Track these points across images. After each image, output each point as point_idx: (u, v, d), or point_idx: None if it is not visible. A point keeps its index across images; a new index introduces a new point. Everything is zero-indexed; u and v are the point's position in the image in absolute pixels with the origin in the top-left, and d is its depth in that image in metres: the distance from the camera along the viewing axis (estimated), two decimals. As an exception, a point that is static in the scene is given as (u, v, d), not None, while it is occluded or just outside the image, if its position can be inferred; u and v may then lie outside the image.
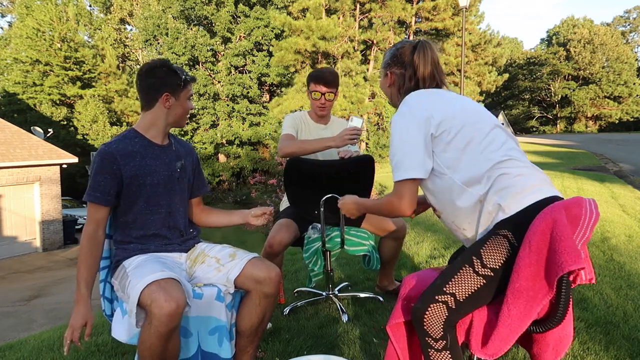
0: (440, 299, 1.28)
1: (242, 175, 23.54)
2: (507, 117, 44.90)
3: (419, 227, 4.73)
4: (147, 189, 1.70)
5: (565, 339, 1.36)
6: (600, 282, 2.85)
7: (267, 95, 26.24)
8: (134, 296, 1.46)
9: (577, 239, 1.22)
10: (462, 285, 1.28)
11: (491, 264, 1.27)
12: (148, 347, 1.44)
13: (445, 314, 1.27)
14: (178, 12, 24.00)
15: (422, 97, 1.47)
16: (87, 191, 1.63)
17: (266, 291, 1.68)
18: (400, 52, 1.56)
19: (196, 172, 1.93)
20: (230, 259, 1.75)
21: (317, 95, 2.44)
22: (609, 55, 41.84)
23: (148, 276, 1.49)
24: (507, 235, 1.28)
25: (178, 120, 1.78)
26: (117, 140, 1.69)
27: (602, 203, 5.83)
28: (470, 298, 1.28)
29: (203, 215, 1.97)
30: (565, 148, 18.18)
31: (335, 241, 2.30)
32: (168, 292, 1.43)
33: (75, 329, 1.50)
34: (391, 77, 1.59)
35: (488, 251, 1.28)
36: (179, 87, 1.72)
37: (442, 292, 1.29)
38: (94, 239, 1.60)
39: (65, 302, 8.39)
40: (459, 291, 1.28)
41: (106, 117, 23.72)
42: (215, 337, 1.67)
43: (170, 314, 1.40)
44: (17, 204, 13.47)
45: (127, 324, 1.58)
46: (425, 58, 1.52)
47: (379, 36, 20.13)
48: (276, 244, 2.23)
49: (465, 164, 1.37)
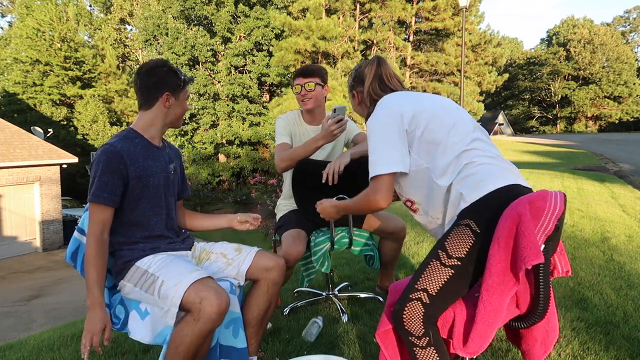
0: (414, 297, 1.32)
1: (242, 175, 23.52)
2: (507, 117, 44.92)
3: (419, 227, 4.73)
4: (150, 190, 1.70)
5: (551, 332, 1.39)
6: (600, 282, 2.85)
7: (267, 95, 26.22)
8: (175, 296, 1.48)
9: (539, 232, 1.24)
10: (431, 279, 1.32)
11: (456, 254, 1.31)
12: (187, 343, 1.46)
13: (422, 310, 1.31)
14: (178, 12, 23.98)
15: (393, 97, 1.54)
16: (93, 192, 1.57)
17: (274, 278, 1.78)
18: (359, 72, 1.67)
19: (181, 175, 1.95)
20: (237, 252, 1.82)
21: (297, 89, 2.34)
22: (609, 55, 41.84)
23: (188, 275, 1.52)
24: (469, 224, 1.31)
25: (175, 121, 1.79)
26: (119, 140, 1.67)
27: (602, 203, 5.83)
28: (442, 290, 1.31)
29: (187, 218, 2.00)
30: (565, 148, 18.18)
31: (342, 242, 2.30)
32: (217, 290, 1.48)
33: (95, 333, 1.49)
34: (358, 96, 1.69)
35: (452, 242, 1.32)
36: (179, 87, 1.73)
37: (414, 289, 1.33)
38: (101, 241, 1.57)
39: (65, 302, 8.39)
40: (430, 286, 1.32)
41: (106, 117, 23.71)
42: (230, 329, 1.71)
43: (221, 311, 1.46)
44: (17, 204, 13.47)
45: (150, 324, 1.60)
46: (372, 71, 1.62)
47: (379, 36, 20.12)
48: (292, 259, 2.12)
49: (434, 156, 1.42)
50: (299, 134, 2.43)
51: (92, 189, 1.59)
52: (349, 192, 2.19)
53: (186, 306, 1.47)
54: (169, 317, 1.49)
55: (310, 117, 2.45)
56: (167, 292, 1.50)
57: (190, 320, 1.46)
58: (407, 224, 4.90)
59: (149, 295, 1.57)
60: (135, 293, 1.62)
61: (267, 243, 11.94)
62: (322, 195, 2.20)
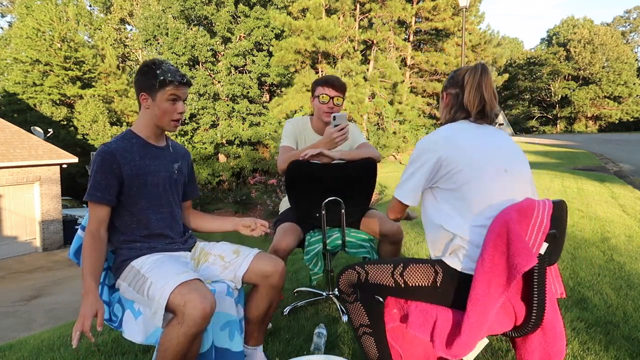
0: (357, 269, 1.54)
1: (242, 175, 23.53)
2: (507, 117, 44.89)
3: (419, 227, 4.73)
4: (148, 189, 1.71)
5: (554, 356, 1.38)
6: (600, 282, 2.85)
7: (267, 95, 26.23)
8: (161, 297, 1.47)
9: (533, 231, 1.27)
10: (377, 273, 1.50)
11: (408, 279, 1.45)
12: (174, 346, 1.44)
13: (354, 280, 1.54)
14: (178, 12, 23.99)
15: (449, 132, 1.47)
16: (88, 191, 1.62)
17: (273, 284, 1.77)
18: (456, 74, 1.57)
19: (190, 176, 1.95)
20: (235, 255, 1.79)
21: (325, 99, 2.29)
22: (609, 56, 41.81)
23: (175, 277, 1.50)
24: (437, 275, 1.41)
25: (158, 122, 1.72)
26: (116, 141, 1.70)
27: (602, 203, 5.83)
28: (374, 285, 1.51)
29: (194, 219, 1.99)
30: (565, 148, 18.18)
31: (336, 243, 2.30)
32: (202, 293, 1.45)
33: (86, 317, 1.44)
34: (447, 97, 1.61)
35: (414, 269, 1.45)
36: (154, 87, 1.66)
37: (361, 266, 1.54)
38: (96, 237, 1.59)
39: (65, 302, 8.40)
40: (371, 274, 1.51)
41: (106, 117, 23.70)
42: (226, 332, 1.70)
43: (205, 315, 1.43)
44: (17, 204, 13.47)
45: (142, 324, 1.59)
46: (475, 79, 1.48)
47: (379, 36, 20.13)
48: (281, 250, 2.16)
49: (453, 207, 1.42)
50: (305, 140, 2.43)
51: (88, 187, 1.64)
52: (343, 195, 2.19)
53: (172, 308, 1.47)
54: (156, 319, 1.48)
55: (320, 126, 2.43)
56: (154, 294, 1.50)
57: (175, 323, 1.45)
58: (407, 225, 4.91)
59: (140, 296, 1.57)
60: (129, 293, 1.63)
61: (267, 243, 11.94)
62: (315, 197, 2.21)
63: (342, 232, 2.28)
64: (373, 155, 2.20)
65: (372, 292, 1.52)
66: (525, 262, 1.20)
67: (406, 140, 20.89)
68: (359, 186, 2.23)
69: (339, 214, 2.23)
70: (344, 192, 2.19)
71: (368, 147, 2.35)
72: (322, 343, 2.10)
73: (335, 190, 2.19)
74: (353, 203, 2.25)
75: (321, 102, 2.31)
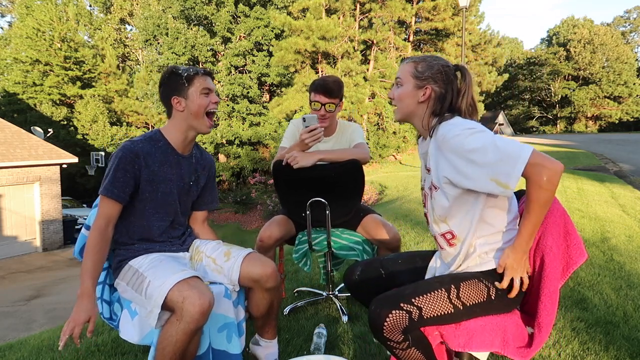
0: (405, 308, 1.26)
1: (242, 175, 23.52)
2: (507, 117, 44.90)
3: (419, 227, 4.73)
4: (158, 196, 1.70)
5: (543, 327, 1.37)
6: (600, 282, 2.85)
7: (267, 95, 26.22)
8: (158, 296, 1.46)
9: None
10: (432, 304, 1.29)
11: (466, 300, 1.32)
12: (173, 343, 1.44)
13: (406, 322, 1.26)
14: (178, 12, 23.97)
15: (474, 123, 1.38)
16: (105, 185, 1.58)
17: (266, 287, 1.73)
18: (446, 70, 1.42)
19: (209, 186, 1.92)
20: (225, 258, 1.75)
21: (316, 106, 2.29)
22: (609, 56, 41.81)
23: (172, 275, 1.50)
24: (490, 288, 1.35)
25: (193, 123, 1.71)
26: (142, 140, 1.68)
27: (602, 203, 5.83)
28: (434, 319, 1.30)
29: (204, 235, 1.96)
30: (565, 148, 18.18)
31: (322, 244, 2.31)
32: (200, 290, 1.46)
33: (77, 324, 1.41)
34: (428, 91, 1.41)
35: (468, 289, 1.33)
36: (183, 85, 1.69)
37: (409, 302, 1.27)
38: (104, 234, 1.57)
39: (66, 302, 8.40)
40: (427, 308, 1.28)
41: (106, 117, 23.71)
42: (224, 334, 1.69)
43: (204, 311, 1.43)
44: (17, 203, 13.47)
45: (138, 324, 1.59)
46: (469, 85, 1.42)
47: (379, 36, 20.10)
48: (266, 238, 2.26)
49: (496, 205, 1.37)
50: None
51: (104, 182, 1.60)
52: (329, 196, 2.19)
53: (170, 306, 1.46)
54: (151, 319, 1.47)
55: None
56: (152, 292, 1.49)
57: (174, 321, 1.45)
58: (407, 224, 4.91)
59: (138, 295, 1.56)
60: (127, 292, 1.62)
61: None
62: (301, 197, 2.21)
63: (328, 233, 2.28)
64: (357, 156, 2.16)
65: (424, 326, 1.32)
66: (581, 257, 1.30)
67: (406, 140, 20.85)
68: (343, 187, 2.22)
69: (324, 214, 2.24)
70: (329, 193, 2.19)
71: (359, 148, 2.34)
72: (322, 343, 2.10)
73: (320, 191, 2.19)
74: (340, 204, 2.25)
75: (314, 109, 2.32)
